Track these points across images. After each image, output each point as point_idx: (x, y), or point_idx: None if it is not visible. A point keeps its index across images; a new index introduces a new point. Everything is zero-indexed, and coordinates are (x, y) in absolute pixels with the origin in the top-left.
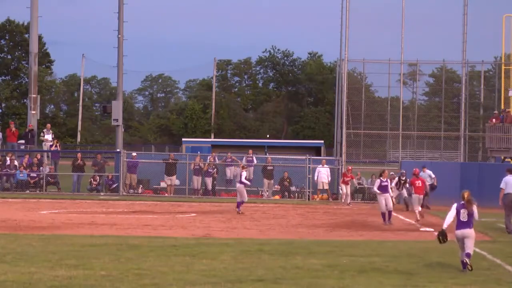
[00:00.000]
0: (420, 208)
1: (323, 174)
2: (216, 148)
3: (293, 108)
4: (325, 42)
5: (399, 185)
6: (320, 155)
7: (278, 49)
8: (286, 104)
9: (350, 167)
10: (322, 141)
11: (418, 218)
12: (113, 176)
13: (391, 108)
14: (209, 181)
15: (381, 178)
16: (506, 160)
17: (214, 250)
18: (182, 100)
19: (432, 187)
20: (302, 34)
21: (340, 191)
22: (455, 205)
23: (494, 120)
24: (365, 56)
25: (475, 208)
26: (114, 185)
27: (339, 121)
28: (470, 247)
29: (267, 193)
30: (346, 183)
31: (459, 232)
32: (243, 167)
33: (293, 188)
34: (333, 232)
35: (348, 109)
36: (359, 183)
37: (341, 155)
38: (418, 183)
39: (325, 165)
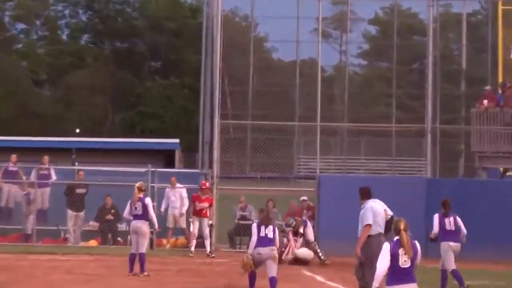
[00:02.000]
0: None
1: (175, 200)
2: None
3: (125, 80)
4: None
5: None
6: (173, 166)
7: None
8: (112, 73)
9: (206, 182)
10: (177, 140)
11: None
12: None
13: (302, 81)
14: None
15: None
16: (507, 174)
17: None
18: None
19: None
20: None
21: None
22: (387, 246)
23: (485, 101)
24: None
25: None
26: None
27: (208, 104)
28: None
29: (74, 234)
30: (199, 213)
31: None
32: None
33: (122, 227)
34: None
35: (224, 82)
36: (242, 216)
37: (211, 166)
38: None
39: (177, 186)
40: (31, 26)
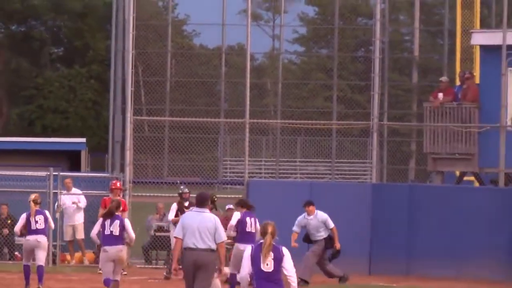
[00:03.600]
0: None
1: (70, 207)
2: None
3: (22, 68)
4: None
5: None
6: (79, 169)
7: None
8: (7, 60)
9: (117, 182)
10: (84, 140)
11: None
12: None
13: (229, 70)
14: None
15: None
16: (465, 178)
17: None
18: None
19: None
20: None
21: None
22: (248, 249)
23: (440, 95)
24: None
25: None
26: None
27: (119, 97)
28: None
29: None
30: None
31: None
32: None
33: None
34: None
35: (137, 71)
36: (159, 227)
37: (122, 170)
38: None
39: (73, 190)
40: None
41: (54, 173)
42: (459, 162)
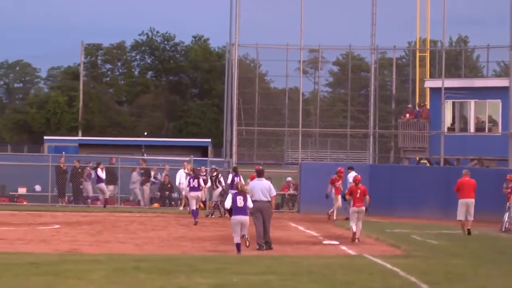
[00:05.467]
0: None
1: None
2: (84, 148)
3: (175, 100)
4: (212, 24)
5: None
6: (207, 156)
7: (157, 32)
8: (167, 96)
9: (342, 168)
10: (209, 140)
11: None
12: None
13: (290, 102)
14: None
15: None
16: (421, 161)
17: (81, 268)
18: (44, 92)
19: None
20: (185, 15)
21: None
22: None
23: (408, 115)
24: (258, 40)
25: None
26: None
27: (229, 116)
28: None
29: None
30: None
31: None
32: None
33: (175, 195)
34: (222, 246)
35: (239, 102)
36: None
37: (231, 156)
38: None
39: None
40: (114, 66)
41: (193, 158)
42: (418, 152)
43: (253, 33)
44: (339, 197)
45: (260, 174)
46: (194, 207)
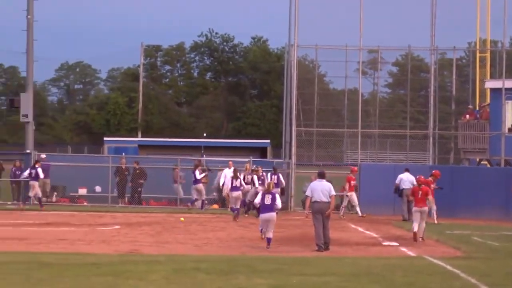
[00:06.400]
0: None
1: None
2: (144, 149)
3: (234, 102)
4: (271, 25)
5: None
6: (265, 157)
7: (216, 33)
8: (226, 97)
9: (355, 168)
10: (268, 141)
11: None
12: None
13: (349, 102)
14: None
15: None
16: (482, 162)
17: (141, 268)
18: (104, 93)
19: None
20: (244, 16)
21: (345, 203)
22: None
23: (468, 116)
24: (318, 41)
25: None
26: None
27: (288, 117)
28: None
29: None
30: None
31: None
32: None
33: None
34: (281, 247)
35: (298, 103)
36: None
37: (290, 157)
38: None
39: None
40: (173, 67)
41: (252, 159)
42: (478, 153)
43: (312, 33)
44: (354, 194)
45: (321, 175)
46: (234, 206)
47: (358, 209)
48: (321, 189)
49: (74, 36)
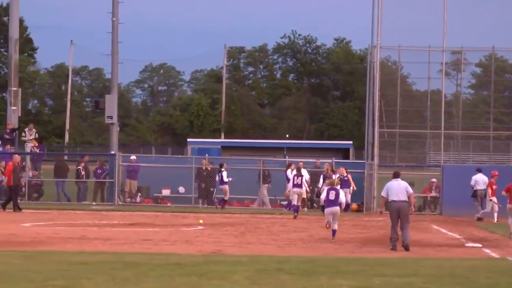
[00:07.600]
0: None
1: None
2: (227, 150)
3: (317, 103)
4: (354, 26)
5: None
6: (348, 158)
7: (299, 35)
8: (309, 98)
9: (496, 172)
10: (351, 142)
11: None
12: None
13: (432, 103)
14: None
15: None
16: None
17: (225, 269)
18: (187, 94)
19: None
20: (327, 17)
21: (489, 209)
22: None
23: None
24: (401, 42)
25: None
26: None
27: (371, 118)
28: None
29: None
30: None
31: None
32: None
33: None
34: (364, 248)
35: (381, 104)
36: None
37: (373, 158)
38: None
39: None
40: (256, 68)
41: (335, 161)
42: None
43: (395, 35)
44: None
45: (396, 175)
46: (295, 203)
47: (495, 215)
48: (397, 188)
49: (158, 37)
